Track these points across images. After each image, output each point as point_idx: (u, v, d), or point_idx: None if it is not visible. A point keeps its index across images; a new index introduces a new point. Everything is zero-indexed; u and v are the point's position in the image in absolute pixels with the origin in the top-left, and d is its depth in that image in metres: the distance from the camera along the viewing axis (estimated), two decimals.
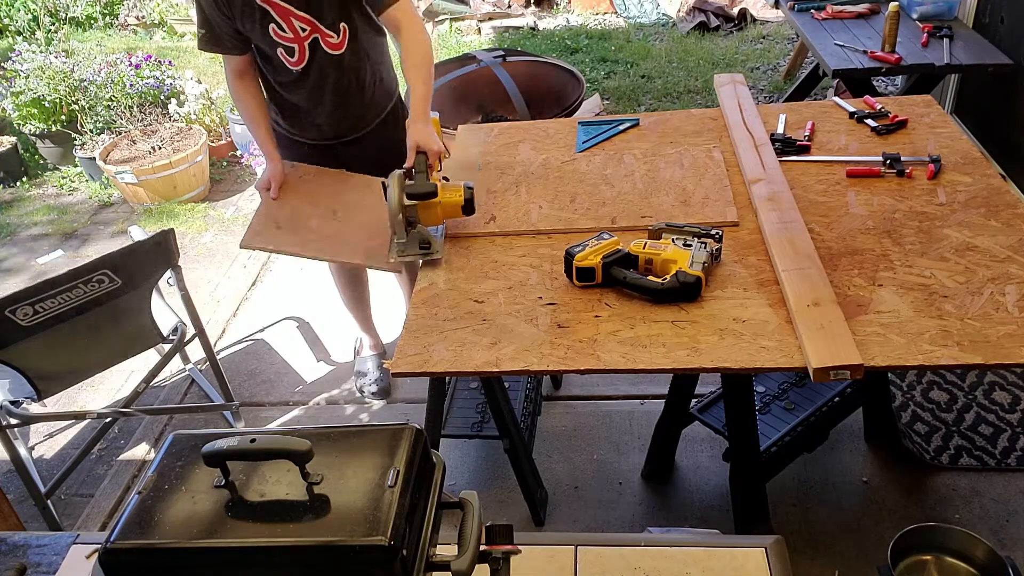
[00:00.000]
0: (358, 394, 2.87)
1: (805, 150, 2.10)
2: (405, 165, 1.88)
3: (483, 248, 1.88)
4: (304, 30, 2.06)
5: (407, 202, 1.80)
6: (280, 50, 2.09)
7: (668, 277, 1.62)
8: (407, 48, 2.09)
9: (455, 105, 3.46)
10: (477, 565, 0.88)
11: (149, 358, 2.68)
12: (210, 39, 2.09)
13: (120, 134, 4.47)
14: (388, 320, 3.06)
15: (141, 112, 4.59)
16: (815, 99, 4.30)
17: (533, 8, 6.68)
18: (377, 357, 2.90)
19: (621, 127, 2.32)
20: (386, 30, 2.21)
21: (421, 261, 1.84)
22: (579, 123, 2.39)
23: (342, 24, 2.09)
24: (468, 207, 1.83)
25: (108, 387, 3.02)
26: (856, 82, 3.48)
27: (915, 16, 3.57)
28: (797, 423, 2.15)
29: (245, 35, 2.08)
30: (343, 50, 2.13)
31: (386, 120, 2.34)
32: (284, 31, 2.06)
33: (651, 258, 1.67)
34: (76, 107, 4.58)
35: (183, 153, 4.17)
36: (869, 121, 2.17)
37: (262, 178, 2.24)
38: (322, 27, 2.07)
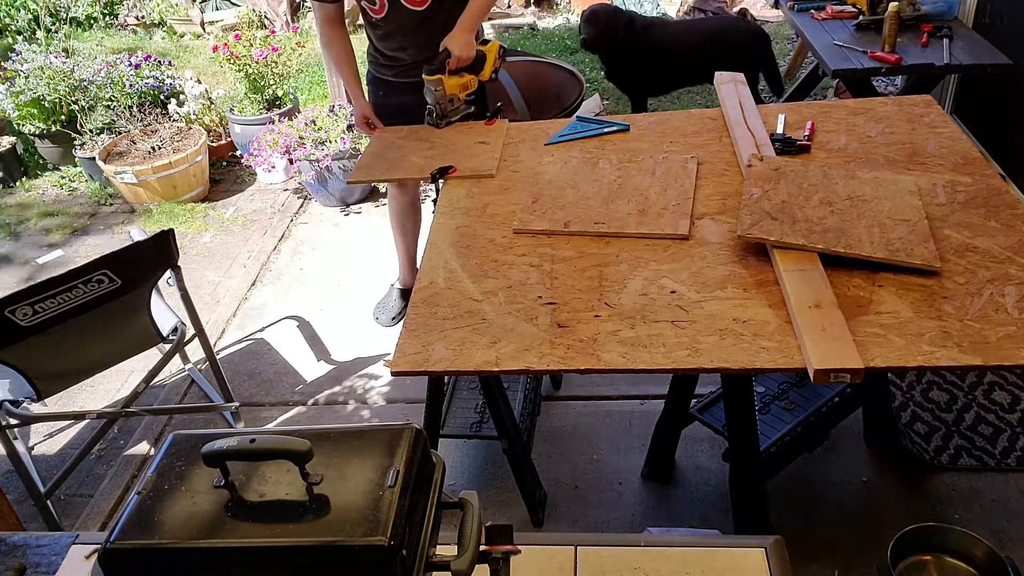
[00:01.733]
0: (373, 319, 3.21)
1: (805, 150, 2.10)
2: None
3: (481, 246, 1.88)
4: None
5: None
6: (364, 2, 2.41)
7: None
8: None
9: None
10: (477, 565, 0.88)
11: (149, 358, 2.68)
12: None
13: (120, 134, 4.46)
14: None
15: (141, 112, 4.59)
16: (815, 99, 4.30)
17: (533, 8, 6.68)
18: (403, 293, 3.21)
19: (606, 129, 2.31)
20: None
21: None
22: (576, 117, 2.39)
23: None
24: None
25: (108, 387, 3.02)
26: (856, 82, 3.49)
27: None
28: (797, 423, 2.15)
29: None
30: (425, 7, 2.40)
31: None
32: None
33: None
34: (76, 107, 4.58)
35: (183, 153, 4.17)
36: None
37: (356, 118, 2.62)
38: None
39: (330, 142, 3.85)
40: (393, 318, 3.18)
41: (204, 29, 6.82)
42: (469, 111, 2.47)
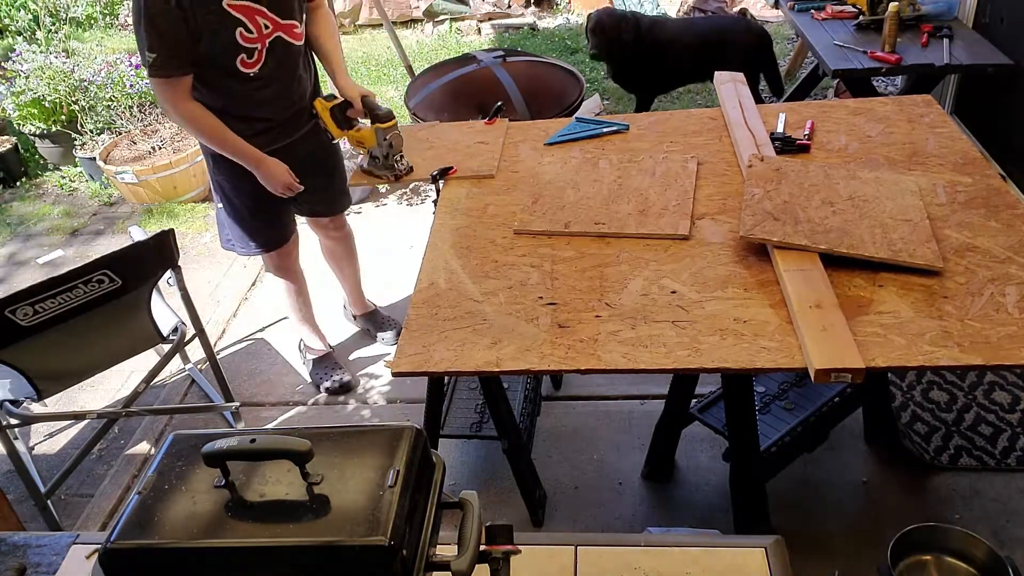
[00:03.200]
0: (317, 390, 2.91)
1: (805, 149, 2.10)
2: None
3: (481, 247, 1.88)
4: (267, 28, 2.09)
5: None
6: (241, 56, 2.07)
7: None
8: (326, 19, 2.29)
9: (455, 105, 3.46)
10: (477, 565, 0.88)
11: (149, 358, 2.68)
12: (165, 63, 1.98)
13: (120, 134, 4.47)
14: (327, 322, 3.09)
15: (141, 112, 4.59)
16: (815, 99, 4.30)
17: (533, 8, 6.68)
18: (326, 359, 2.96)
19: (605, 129, 2.31)
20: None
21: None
22: (575, 118, 2.39)
23: (301, 14, 2.18)
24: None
25: (108, 387, 3.02)
26: (856, 82, 3.49)
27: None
28: (797, 423, 2.15)
29: (200, 51, 2.01)
30: (302, 40, 2.22)
31: (316, 127, 2.41)
32: (250, 32, 2.05)
33: None
34: (76, 107, 4.58)
35: (183, 153, 4.17)
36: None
37: (275, 185, 2.27)
38: (283, 21, 2.12)
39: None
40: (344, 385, 2.88)
41: None
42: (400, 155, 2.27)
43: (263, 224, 2.49)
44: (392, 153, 2.22)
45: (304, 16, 2.22)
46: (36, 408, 2.35)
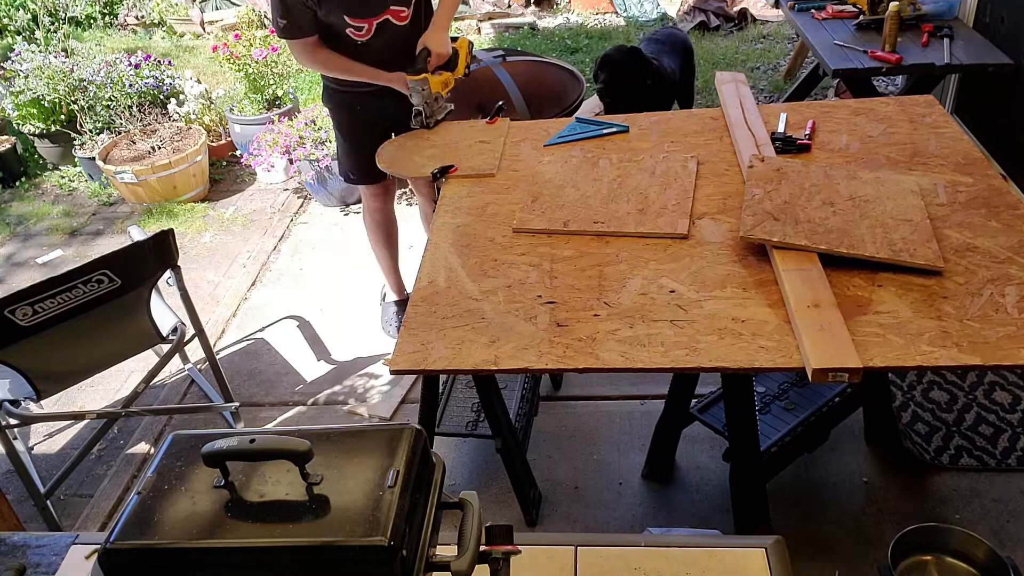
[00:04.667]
0: (387, 336, 3.11)
1: (806, 149, 2.09)
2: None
3: (481, 246, 1.87)
4: (378, 12, 2.37)
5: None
6: (350, 29, 2.38)
7: None
8: None
9: (454, 104, 3.46)
10: (477, 565, 0.88)
11: (149, 358, 2.68)
12: (290, 27, 2.35)
13: (120, 134, 4.46)
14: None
15: (141, 112, 4.59)
16: (815, 99, 4.30)
17: (533, 8, 6.68)
18: (399, 304, 3.15)
19: (605, 130, 2.31)
20: None
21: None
22: (575, 118, 2.39)
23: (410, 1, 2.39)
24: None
25: (108, 387, 3.02)
26: (856, 82, 3.48)
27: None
28: (797, 423, 2.15)
29: (320, 19, 2.34)
30: (407, 21, 2.42)
31: None
32: (356, 17, 2.35)
33: None
34: (75, 107, 4.57)
35: (183, 153, 4.17)
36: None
37: (398, 81, 2.47)
38: (393, 7, 2.37)
39: (330, 142, 3.85)
40: None
41: (204, 29, 6.82)
42: (450, 109, 2.49)
43: (364, 158, 2.66)
44: (421, 106, 2.36)
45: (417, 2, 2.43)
46: (35, 408, 2.35)
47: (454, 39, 2.48)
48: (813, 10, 3.82)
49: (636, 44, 3.64)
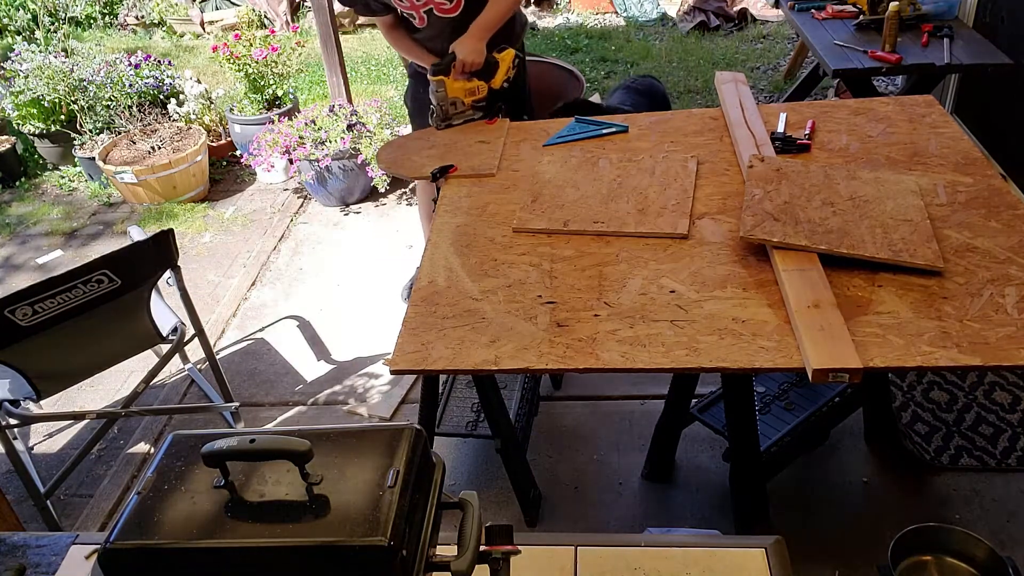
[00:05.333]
0: (401, 299, 3.24)
1: (805, 149, 2.09)
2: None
3: (481, 245, 1.87)
4: (419, 1, 2.41)
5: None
6: (406, 14, 2.48)
7: None
8: None
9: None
10: (477, 565, 0.88)
11: (149, 358, 2.68)
12: (360, 8, 2.51)
13: (120, 134, 4.46)
14: None
15: (140, 112, 4.59)
16: (815, 99, 4.30)
17: (533, 8, 6.68)
18: None
19: (604, 131, 2.31)
20: None
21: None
22: (575, 118, 2.39)
23: None
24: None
25: (108, 387, 3.02)
26: (856, 82, 3.48)
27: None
28: (797, 423, 2.15)
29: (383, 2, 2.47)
30: (458, 12, 2.43)
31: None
32: (403, 2, 2.43)
33: None
34: (75, 107, 4.57)
35: (183, 153, 4.17)
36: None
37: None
38: None
39: (330, 142, 3.85)
40: None
41: (204, 29, 6.82)
42: (474, 117, 2.45)
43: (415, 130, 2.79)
44: (436, 106, 2.38)
45: None
46: (35, 408, 2.35)
47: (501, 50, 2.43)
48: (813, 10, 3.82)
49: (617, 86, 3.47)
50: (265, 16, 6.66)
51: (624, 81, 3.36)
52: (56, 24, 6.45)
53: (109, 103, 4.58)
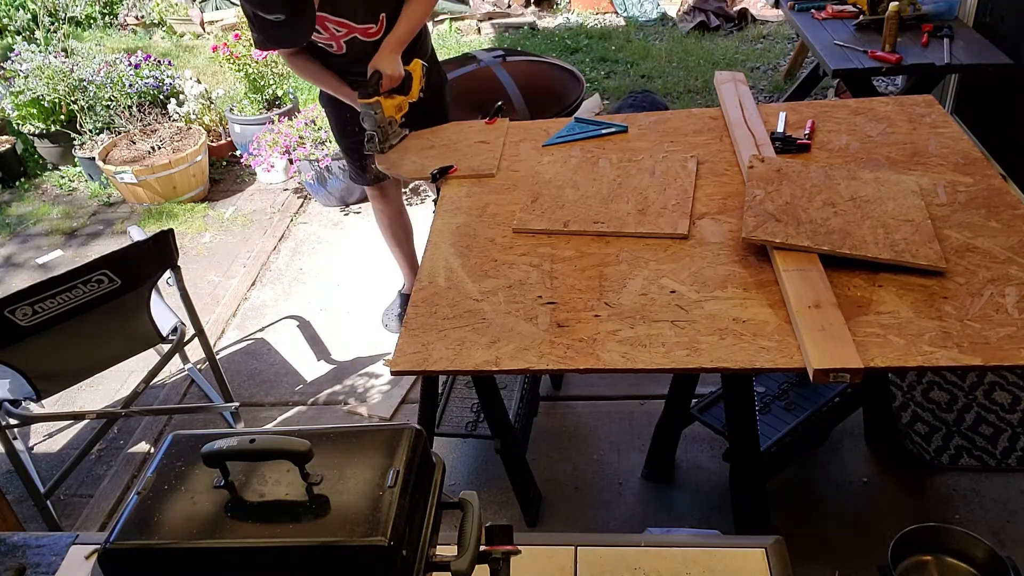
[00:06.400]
0: (381, 325, 3.18)
1: (805, 149, 2.09)
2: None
3: (481, 246, 1.87)
4: (340, 31, 2.33)
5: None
6: (321, 43, 2.38)
7: None
8: (411, 5, 2.35)
9: (454, 104, 3.46)
10: (477, 565, 0.88)
11: (148, 358, 2.68)
12: (259, 40, 2.34)
13: (119, 134, 4.46)
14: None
15: (140, 112, 4.59)
16: (815, 99, 4.30)
17: (533, 8, 6.68)
18: (405, 296, 3.16)
19: (604, 131, 2.31)
20: None
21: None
22: (574, 118, 2.39)
23: (381, 15, 2.33)
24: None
25: (108, 387, 3.02)
26: (856, 82, 3.48)
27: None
28: (797, 423, 2.15)
29: None
30: (381, 35, 2.36)
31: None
32: (321, 33, 2.31)
33: None
34: (75, 107, 4.57)
35: (182, 153, 4.17)
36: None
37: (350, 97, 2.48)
38: (357, 25, 2.32)
39: (330, 142, 3.85)
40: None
41: (204, 29, 6.82)
42: (405, 134, 2.40)
43: (356, 162, 2.78)
44: (374, 130, 2.28)
45: (386, 14, 2.36)
46: (35, 408, 2.35)
47: (407, 62, 2.36)
48: (813, 10, 3.82)
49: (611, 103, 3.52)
50: None
51: (626, 99, 3.40)
52: (56, 24, 6.46)
53: (109, 103, 4.59)
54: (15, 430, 2.37)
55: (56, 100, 4.52)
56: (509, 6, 6.64)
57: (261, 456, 0.87)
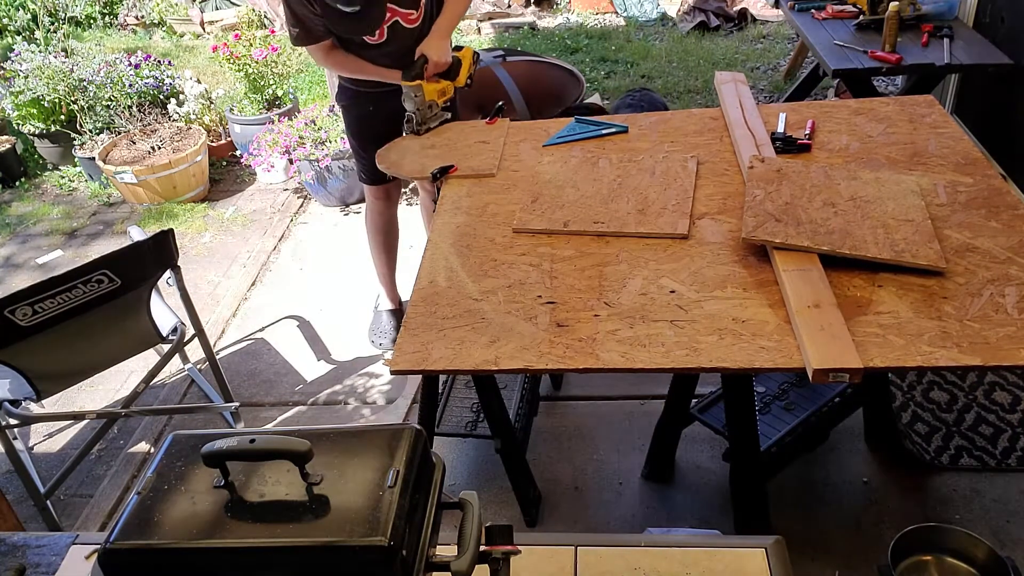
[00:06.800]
0: (373, 346, 3.08)
1: (806, 149, 2.09)
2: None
3: (481, 246, 1.87)
4: (378, 23, 2.36)
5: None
6: (365, 34, 2.38)
7: None
8: None
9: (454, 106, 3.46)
10: (477, 565, 0.88)
11: (148, 358, 2.68)
12: (303, 35, 2.38)
13: (119, 134, 4.46)
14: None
15: (140, 112, 4.59)
16: (815, 99, 4.30)
17: (533, 8, 6.68)
18: (393, 313, 3.13)
19: (604, 131, 2.31)
20: None
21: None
22: (575, 118, 2.39)
23: (422, 1, 2.38)
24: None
25: (108, 387, 3.02)
26: (856, 82, 3.48)
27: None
28: (797, 423, 2.15)
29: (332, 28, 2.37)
30: (419, 22, 2.41)
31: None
32: None
33: None
34: (75, 107, 4.57)
35: (182, 153, 4.17)
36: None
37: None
38: (401, 9, 2.36)
39: (330, 142, 3.85)
40: (393, 340, 3.04)
41: (204, 29, 6.82)
42: (446, 118, 2.46)
43: (368, 161, 2.70)
44: (413, 112, 2.35)
45: (426, 1, 2.41)
46: (35, 408, 2.35)
47: (459, 48, 2.46)
48: (813, 10, 3.82)
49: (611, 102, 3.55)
50: (265, 16, 6.65)
51: (624, 98, 3.41)
52: (56, 24, 6.45)
53: (109, 103, 4.59)
54: (15, 430, 2.37)
55: (56, 100, 4.52)
56: (509, 6, 6.64)
57: (261, 456, 0.87)
